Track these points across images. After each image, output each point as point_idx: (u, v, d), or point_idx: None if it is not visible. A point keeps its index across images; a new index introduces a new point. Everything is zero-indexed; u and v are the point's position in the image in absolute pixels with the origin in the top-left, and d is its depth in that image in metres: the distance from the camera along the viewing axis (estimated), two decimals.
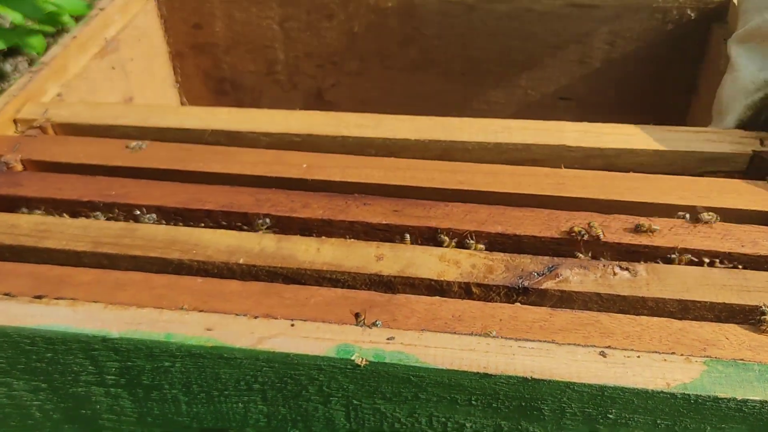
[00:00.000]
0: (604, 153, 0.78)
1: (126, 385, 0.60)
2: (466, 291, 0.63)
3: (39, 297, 0.60)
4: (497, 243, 0.68)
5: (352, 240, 0.68)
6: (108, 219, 0.72)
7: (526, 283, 0.62)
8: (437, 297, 0.61)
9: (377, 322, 0.58)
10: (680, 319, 0.58)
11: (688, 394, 0.50)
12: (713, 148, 0.77)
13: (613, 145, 0.77)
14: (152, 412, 0.62)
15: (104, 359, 0.57)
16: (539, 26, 1.13)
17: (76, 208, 0.73)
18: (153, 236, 0.68)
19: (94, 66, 1.04)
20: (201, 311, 0.58)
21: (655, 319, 0.58)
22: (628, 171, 0.75)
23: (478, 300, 0.62)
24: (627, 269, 0.63)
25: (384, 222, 0.69)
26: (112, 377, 0.59)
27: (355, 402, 0.56)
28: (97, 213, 0.73)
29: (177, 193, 0.73)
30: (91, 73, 1.03)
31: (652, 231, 0.66)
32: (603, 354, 0.53)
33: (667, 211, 0.70)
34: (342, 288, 0.63)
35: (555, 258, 0.64)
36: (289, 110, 0.86)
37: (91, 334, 0.56)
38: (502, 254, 0.65)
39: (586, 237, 0.65)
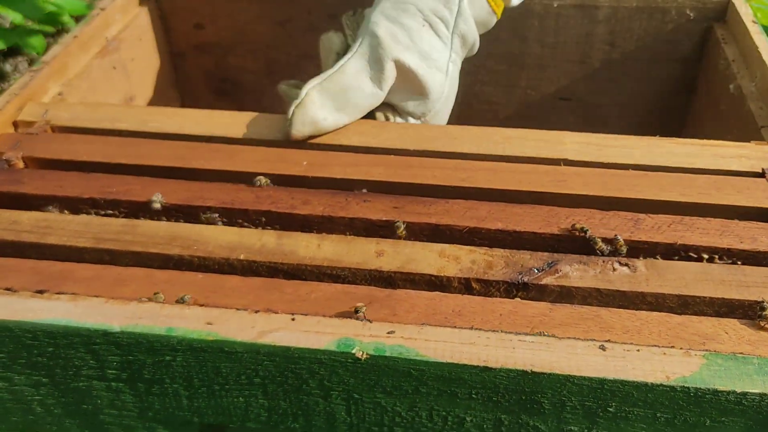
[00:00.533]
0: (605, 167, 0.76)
1: (127, 380, 0.60)
2: (466, 286, 0.63)
3: (40, 292, 0.60)
4: (497, 239, 0.68)
5: (353, 236, 0.68)
6: (109, 216, 0.72)
7: (525, 279, 0.62)
8: (437, 292, 0.61)
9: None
10: (679, 314, 0.59)
11: (688, 387, 0.50)
12: (721, 165, 0.75)
13: (615, 160, 0.76)
14: (153, 407, 0.62)
15: (105, 353, 0.58)
16: (539, 26, 1.14)
17: (78, 205, 0.73)
18: (154, 232, 0.68)
19: (95, 65, 1.05)
20: (202, 306, 0.58)
21: (655, 313, 0.58)
22: None
23: (478, 295, 0.62)
24: (626, 265, 0.63)
25: (384, 218, 0.69)
26: (113, 371, 0.59)
27: (355, 396, 0.57)
28: (99, 210, 0.73)
29: (178, 190, 0.73)
30: (92, 73, 1.04)
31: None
32: (603, 348, 0.53)
33: (668, 208, 0.70)
34: (342, 283, 0.63)
35: (555, 254, 0.64)
36: None
37: (93, 328, 0.56)
38: (502, 250, 0.65)
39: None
